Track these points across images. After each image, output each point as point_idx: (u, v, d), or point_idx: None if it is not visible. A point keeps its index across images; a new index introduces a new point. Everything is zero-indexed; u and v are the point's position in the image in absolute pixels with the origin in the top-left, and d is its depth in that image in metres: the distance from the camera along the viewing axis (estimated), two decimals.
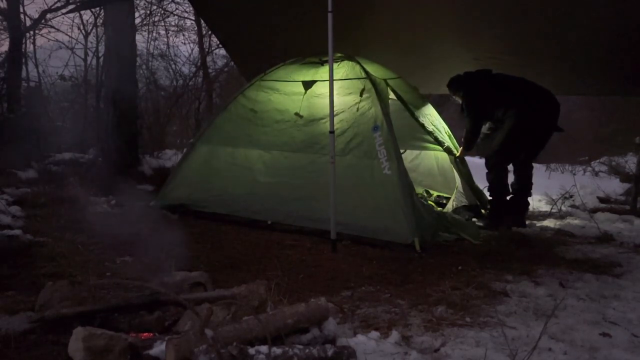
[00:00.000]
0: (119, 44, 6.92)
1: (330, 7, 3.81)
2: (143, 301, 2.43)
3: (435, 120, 5.32)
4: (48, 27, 9.29)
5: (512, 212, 5.09)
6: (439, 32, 5.38)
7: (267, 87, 5.04)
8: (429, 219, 4.43)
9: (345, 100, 4.60)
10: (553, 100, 4.89)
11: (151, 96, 10.08)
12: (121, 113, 6.96)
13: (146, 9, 10.24)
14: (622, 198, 6.74)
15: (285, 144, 4.77)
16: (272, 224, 4.58)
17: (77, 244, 3.96)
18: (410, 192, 4.28)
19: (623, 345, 2.55)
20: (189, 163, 5.16)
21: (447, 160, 5.50)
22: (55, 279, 3.07)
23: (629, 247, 4.46)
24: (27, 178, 6.07)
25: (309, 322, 2.32)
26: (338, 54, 4.76)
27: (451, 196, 5.45)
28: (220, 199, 4.87)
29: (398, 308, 2.94)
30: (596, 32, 4.83)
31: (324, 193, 4.15)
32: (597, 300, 3.18)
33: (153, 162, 7.52)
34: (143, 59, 9.99)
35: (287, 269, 3.59)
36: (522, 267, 3.75)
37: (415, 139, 5.72)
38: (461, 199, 5.32)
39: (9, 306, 2.72)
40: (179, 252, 3.92)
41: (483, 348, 2.42)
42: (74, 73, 9.42)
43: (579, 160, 10.45)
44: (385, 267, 3.68)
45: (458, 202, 5.29)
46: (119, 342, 2.06)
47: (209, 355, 1.91)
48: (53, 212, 4.74)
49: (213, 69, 11.20)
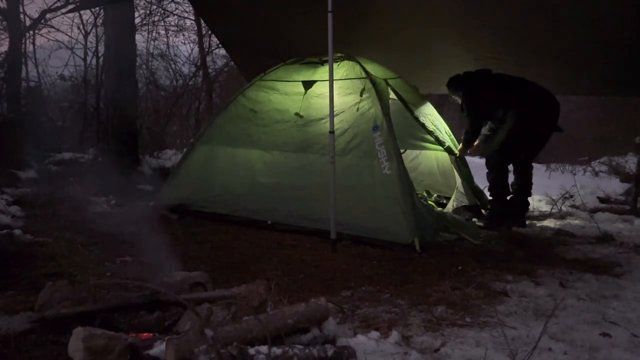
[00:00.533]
0: (119, 44, 6.93)
1: (330, 7, 3.81)
2: (143, 301, 2.43)
3: (435, 120, 5.33)
4: (48, 27, 9.31)
5: (512, 212, 5.09)
6: (439, 32, 5.38)
7: (267, 87, 5.04)
8: (429, 219, 4.43)
9: (345, 100, 4.60)
10: (553, 100, 4.89)
11: (151, 96, 10.09)
12: (121, 113, 6.97)
13: (146, 8, 10.26)
14: (622, 198, 6.74)
15: (285, 144, 4.77)
16: (272, 224, 4.58)
17: (77, 244, 3.96)
18: (410, 192, 4.27)
19: (623, 345, 2.55)
20: (189, 163, 5.15)
21: (447, 160, 5.50)
22: (55, 279, 3.06)
23: (629, 247, 4.46)
24: (27, 178, 6.07)
25: (309, 322, 2.32)
26: (338, 54, 4.76)
27: (451, 196, 5.45)
28: (220, 199, 4.87)
29: (398, 308, 2.94)
30: (596, 32, 4.82)
31: (324, 193, 4.15)
32: (597, 300, 3.18)
33: (153, 162, 7.53)
34: (143, 59, 10.01)
35: (287, 269, 3.58)
36: (522, 267, 3.75)
37: (416, 139, 5.72)
38: (461, 199, 5.32)
39: (9, 306, 2.72)
40: (178, 252, 3.93)
41: (483, 348, 2.42)
42: (74, 73, 9.43)
43: (579, 160, 10.46)
44: (385, 267, 3.68)
45: (458, 202, 5.29)
46: (119, 342, 2.06)
47: (209, 355, 1.91)
48: (53, 212, 4.75)
49: (213, 69, 11.21)
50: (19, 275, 3.24)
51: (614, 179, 8.17)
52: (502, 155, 4.99)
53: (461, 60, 5.53)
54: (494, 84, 5.02)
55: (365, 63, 4.83)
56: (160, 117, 9.82)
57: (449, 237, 4.45)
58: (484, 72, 5.11)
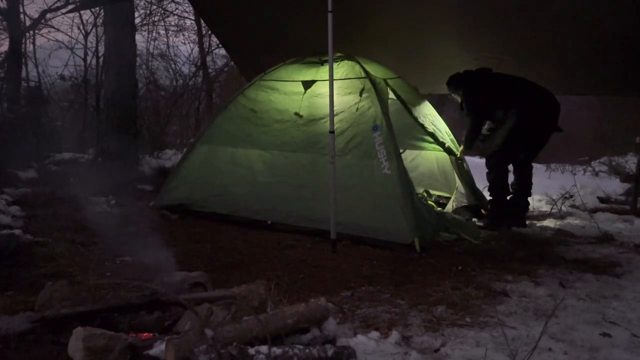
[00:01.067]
0: (119, 44, 6.93)
1: (330, 7, 3.81)
2: (143, 301, 2.43)
3: (435, 120, 5.32)
4: (48, 27, 9.33)
5: (512, 212, 5.09)
6: (439, 32, 5.38)
7: (267, 86, 5.04)
8: (429, 219, 4.43)
9: (345, 100, 4.60)
10: (553, 100, 4.89)
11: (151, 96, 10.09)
12: (121, 113, 6.97)
13: (146, 8, 10.27)
14: (622, 198, 6.74)
15: (285, 144, 4.77)
16: (272, 224, 4.58)
17: (77, 244, 3.96)
18: (410, 192, 4.28)
19: (623, 345, 2.55)
20: (189, 163, 5.15)
21: (447, 160, 5.50)
22: (55, 279, 3.06)
23: (629, 247, 4.46)
24: (27, 178, 6.07)
25: (309, 322, 2.32)
26: (338, 54, 4.76)
27: (451, 196, 5.45)
28: (220, 199, 4.86)
29: (398, 308, 2.94)
30: (595, 32, 4.82)
31: (324, 193, 4.15)
32: (597, 300, 3.17)
33: (153, 162, 7.53)
34: (143, 59, 10.01)
35: (287, 269, 3.58)
36: (522, 267, 3.75)
37: (415, 139, 5.72)
38: (461, 199, 5.32)
39: (9, 306, 2.72)
40: (178, 252, 3.93)
41: (483, 348, 2.42)
42: (74, 73, 9.44)
43: (579, 160, 10.45)
44: (385, 267, 3.68)
45: (458, 202, 5.29)
46: (119, 342, 2.06)
47: (209, 355, 1.91)
48: (53, 212, 4.74)
49: (213, 69, 11.22)
50: (19, 275, 3.24)
51: (614, 179, 8.16)
52: (502, 155, 4.99)
53: (461, 60, 5.53)
54: (494, 83, 5.02)
55: (365, 63, 4.83)
56: (160, 117, 9.82)
57: (449, 237, 4.45)
58: (484, 71, 5.10)
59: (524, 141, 4.95)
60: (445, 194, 5.74)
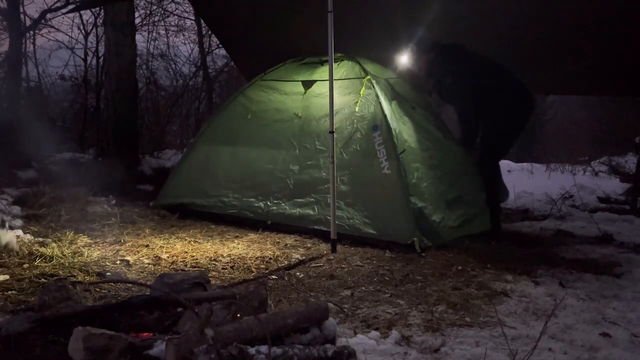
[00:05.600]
0: (119, 44, 6.93)
1: (330, 7, 3.81)
2: (143, 301, 2.43)
3: (435, 120, 5.31)
4: (48, 27, 9.29)
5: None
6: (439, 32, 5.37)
7: (266, 86, 5.04)
8: (429, 218, 4.41)
9: (344, 100, 4.60)
10: (527, 100, 4.74)
11: (151, 96, 10.09)
12: (121, 113, 6.97)
13: (146, 8, 10.25)
14: (622, 198, 6.73)
15: (285, 144, 4.77)
16: (272, 224, 4.58)
17: (79, 244, 3.96)
18: (410, 192, 4.26)
19: (623, 345, 2.55)
20: (189, 163, 5.16)
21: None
22: (55, 279, 3.07)
23: (629, 247, 4.46)
24: (27, 178, 6.07)
25: (309, 322, 2.32)
26: (338, 54, 4.75)
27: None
28: (220, 199, 4.86)
29: (398, 308, 2.95)
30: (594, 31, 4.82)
31: (324, 193, 4.14)
32: (597, 300, 3.17)
33: (153, 162, 7.53)
34: (143, 59, 9.99)
35: (287, 269, 3.59)
36: (522, 267, 3.75)
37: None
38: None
39: (9, 306, 2.73)
40: (178, 252, 3.94)
41: (483, 348, 2.42)
42: (74, 73, 9.41)
43: (579, 160, 10.45)
44: (385, 267, 3.68)
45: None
46: (119, 342, 2.06)
47: (209, 355, 1.91)
48: (53, 212, 4.75)
49: (213, 69, 11.21)
50: (19, 275, 3.24)
51: (614, 179, 8.14)
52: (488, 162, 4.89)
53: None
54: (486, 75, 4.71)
55: (365, 63, 4.83)
56: (160, 117, 9.82)
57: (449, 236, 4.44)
58: (459, 48, 4.68)
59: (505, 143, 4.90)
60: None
